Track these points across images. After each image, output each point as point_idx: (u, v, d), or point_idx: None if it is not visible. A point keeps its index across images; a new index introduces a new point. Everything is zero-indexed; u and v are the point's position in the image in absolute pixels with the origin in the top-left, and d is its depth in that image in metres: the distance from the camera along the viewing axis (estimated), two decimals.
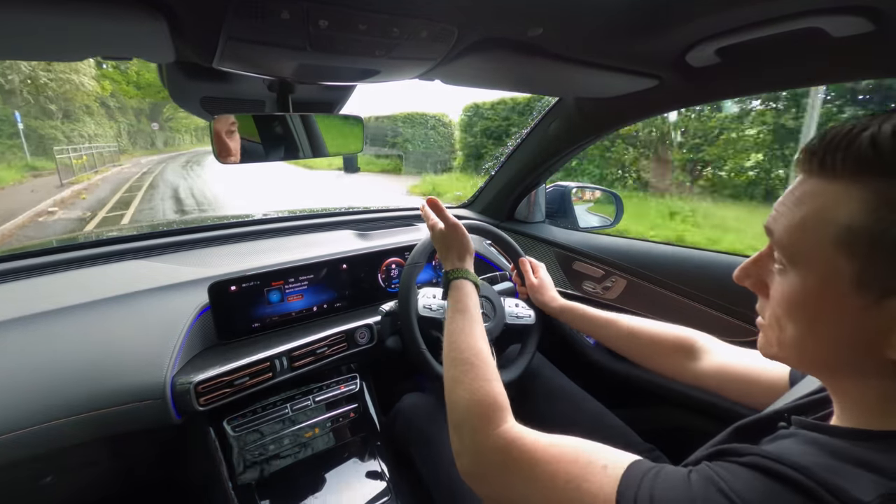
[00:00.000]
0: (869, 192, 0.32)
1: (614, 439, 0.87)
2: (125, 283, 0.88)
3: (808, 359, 0.38)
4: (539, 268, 1.01)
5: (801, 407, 0.44)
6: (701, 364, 0.69)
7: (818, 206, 0.35)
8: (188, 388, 0.75)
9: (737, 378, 0.63)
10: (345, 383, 1.02)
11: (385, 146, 13.28)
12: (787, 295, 0.37)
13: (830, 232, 0.33)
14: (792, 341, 0.38)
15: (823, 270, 0.34)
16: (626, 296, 1.16)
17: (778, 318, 0.39)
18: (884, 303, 0.32)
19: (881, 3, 0.54)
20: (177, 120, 38.19)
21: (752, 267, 0.43)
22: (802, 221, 0.35)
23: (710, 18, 0.63)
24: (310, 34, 0.52)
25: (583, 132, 1.16)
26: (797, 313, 0.37)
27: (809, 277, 0.35)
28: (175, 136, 39.29)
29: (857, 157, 0.32)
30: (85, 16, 0.45)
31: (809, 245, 0.35)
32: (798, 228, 0.36)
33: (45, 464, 0.75)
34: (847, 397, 0.38)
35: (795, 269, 0.36)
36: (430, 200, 0.85)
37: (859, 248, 0.32)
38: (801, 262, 0.36)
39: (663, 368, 0.75)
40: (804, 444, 0.36)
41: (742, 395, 0.62)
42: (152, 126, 34.54)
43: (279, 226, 1.23)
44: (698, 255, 1.07)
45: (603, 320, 0.85)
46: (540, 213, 1.47)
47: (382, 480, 0.95)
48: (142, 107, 32.67)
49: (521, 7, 0.58)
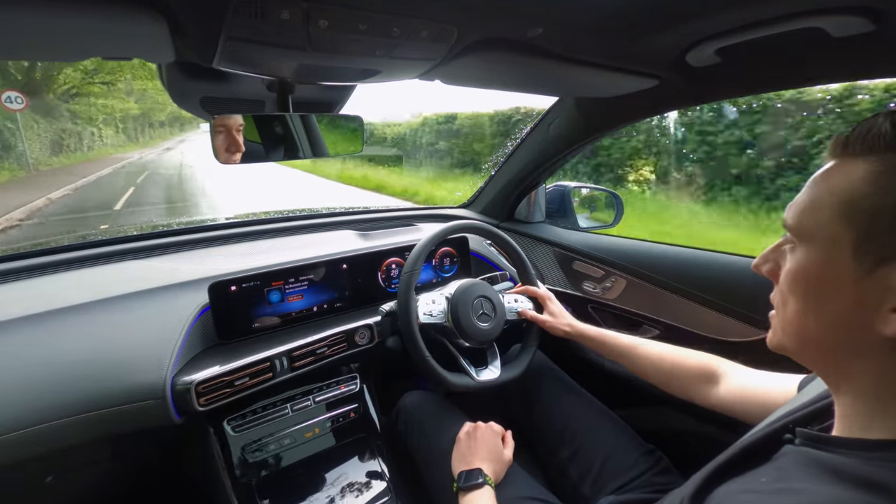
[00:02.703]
0: (877, 164, 0.34)
1: (616, 440, 0.87)
2: (125, 283, 0.88)
3: (807, 338, 0.39)
4: (550, 300, 1.01)
5: (807, 417, 0.44)
6: (721, 389, 0.71)
7: (830, 182, 0.37)
8: (188, 389, 0.75)
9: (756, 402, 0.64)
10: (345, 383, 1.02)
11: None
12: (793, 269, 0.39)
13: (836, 204, 0.35)
14: (793, 318, 0.39)
15: (827, 242, 0.36)
16: (625, 296, 1.16)
17: (784, 296, 0.40)
18: (878, 271, 0.33)
19: (881, 3, 0.54)
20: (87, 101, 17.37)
21: (770, 254, 0.43)
22: (813, 198, 0.38)
23: (710, 18, 0.63)
24: (310, 34, 0.52)
25: (583, 132, 1.16)
26: (800, 287, 0.38)
27: (814, 250, 0.37)
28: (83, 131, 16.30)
29: (876, 136, 0.34)
30: (85, 16, 0.45)
31: (817, 219, 0.37)
32: (809, 206, 0.38)
33: (45, 464, 0.75)
34: (844, 388, 0.38)
35: (803, 245, 0.38)
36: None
37: (860, 216, 0.34)
38: (808, 236, 0.37)
39: (685, 393, 0.76)
40: (804, 468, 0.36)
41: (758, 419, 0.63)
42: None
43: (279, 226, 1.23)
44: (698, 255, 1.07)
45: (624, 347, 0.86)
46: (540, 213, 1.47)
47: (382, 480, 0.95)
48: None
49: (520, 7, 0.58)
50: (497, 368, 0.96)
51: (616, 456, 0.83)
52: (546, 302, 1.01)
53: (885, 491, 0.31)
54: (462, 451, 0.81)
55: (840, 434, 0.38)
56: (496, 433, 0.85)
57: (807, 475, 0.35)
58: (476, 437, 0.82)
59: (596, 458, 0.84)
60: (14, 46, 0.54)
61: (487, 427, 0.85)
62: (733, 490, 0.40)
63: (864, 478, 0.32)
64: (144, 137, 26.79)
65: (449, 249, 1.25)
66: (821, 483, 0.34)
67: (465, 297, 0.95)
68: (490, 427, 0.86)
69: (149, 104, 24.19)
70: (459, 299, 0.95)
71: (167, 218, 7.36)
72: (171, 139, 29.90)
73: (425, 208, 1.58)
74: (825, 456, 0.36)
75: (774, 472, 0.39)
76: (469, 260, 1.28)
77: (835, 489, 0.33)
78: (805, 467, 0.36)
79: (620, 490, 0.79)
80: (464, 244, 1.27)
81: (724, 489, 0.41)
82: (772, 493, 0.36)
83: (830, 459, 0.35)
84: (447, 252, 1.24)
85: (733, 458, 0.44)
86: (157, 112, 27.34)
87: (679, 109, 1.08)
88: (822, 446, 0.37)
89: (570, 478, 0.86)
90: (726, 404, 0.69)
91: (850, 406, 0.38)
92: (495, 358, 0.99)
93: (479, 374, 0.94)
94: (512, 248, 1.06)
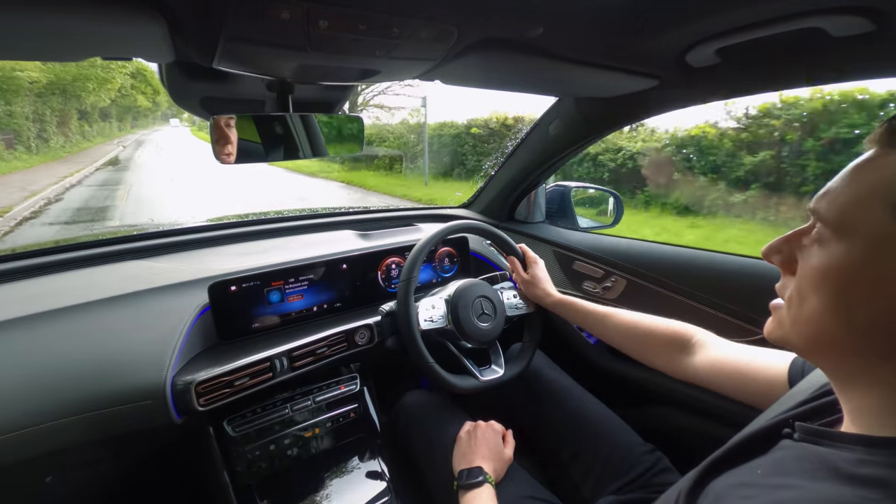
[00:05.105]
0: None
1: (616, 440, 0.87)
2: (125, 283, 0.88)
3: (822, 338, 0.37)
4: (535, 263, 1.01)
5: (807, 413, 0.43)
6: (695, 359, 0.69)
7: (880, 175, 0.34)
8: (188, 389, 0.75)
9: (733, 374, 0.63)
10: (345, 383, 1.02)
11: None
12: (825, 266, 0.36)
13: (888, 199, 0.33)
14: (811, 317, 0.37)
15: (873, 239, 0.33)
16: (626, 296, 1.16)
17: (802, 293, 0.38)
18: None
19: (882, 3, 0.54)
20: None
21: (783, 244, 0.41)
22: (859, 192, 0.35)
23: (710, 18, 0.63)
24: (310, 34, 0.52)
25: (582, 132, 1.16)
26: (829, 286, 0.36)
27: (856, 247, 0.34)
28: None
29: None
30: (85, 16, 0.45)
31: (863, 214, 0.34)
32: (854, 199, 0.35)
33: (45, 464, 0.75)
34: (855, 387, 0.37)
35: (841, 240, 0.35)
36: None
37: None
38: (849, 231, 0.35)
39: (657, 363, 0.75)
40: (802, 463, 0.35)
41: (738, 391, 0.62)
42: None
43: (279, 226, 1.23)
44: (699, 254, 1.07)
45: (599, 314, 0.85)
46: (540, 213, 1.47)
47: (382, 480, 0.95)
48: None
49: (520, 7, 0.58)
50: (500, 367, 0.96)
51: (617, 456, 0.83)
52: (531, 265, 1.01)
53: (884, 487, 0.30)
54: (463, 450, 0.81)
55: (848, 430, 0.37)
56: (497, 432, 0.85)
57: (805, 470, 0.35)
58: (477, 435, 0.82)
59: (596, 458, 0.84)
60: (14, 46, 0.54)
61: (488, 426, 0.85)
62: (730, 483, 0.39)
63: (862, 474, 0.31)
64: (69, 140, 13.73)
65: (449, 249, 1.25)
66: (818, 478, 0.33)
67: (465, 299, 0.95)
68: (491, 426, 0.86)
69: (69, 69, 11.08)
70: (459, 301, 0.95)
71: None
72: (121, 137, 18.87)
73: (425, 208, 1.58)
74: (824, 451, 0.35)
75: (772, 465, 0.38)
76: (469, 260, 1.28)
77: (832, 485, 0.32)
78: (804, 462, 0.35)
79: (621, 490, 0.79)
80: (464, 244, 1.27)
81: (720, 481, 0.40)
82: (769, 487, 0.36)
83: (829, 455, 0.34)
84: (447, 252, 1.25)
85: (730, 452, 0.44)
86: (89, 85, 13.16)
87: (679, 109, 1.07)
88: (822, 441, 0.36)
89: (570, 477, 0.86)
90: (703, 375, 0.67)
91: (864, 402, 0.36)
92: (498, 357, 0.99)
93: (483, 374, 0.94)
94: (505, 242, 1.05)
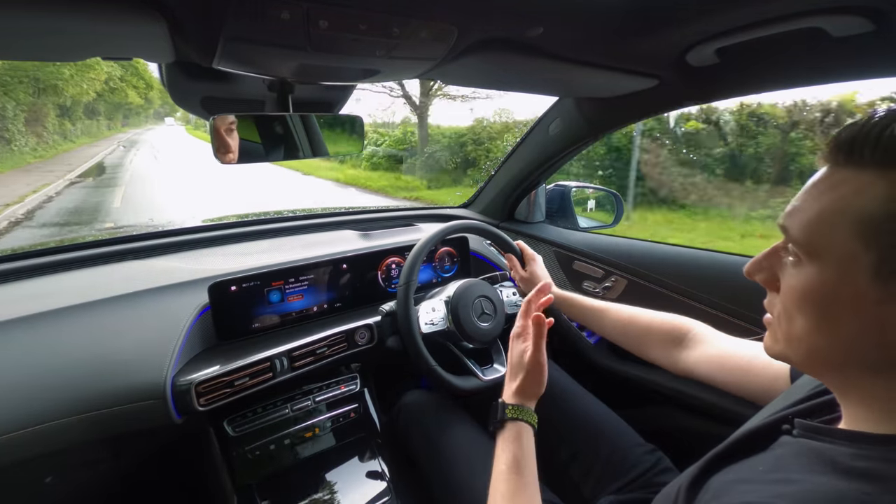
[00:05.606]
0: (893, 182, 0.32)
1: (617, 440, 0.87)
2: (125, 283, 0.88)
3: (815, 355, 0.37)
4: (533, 260, 1.01)
5: (806, 410, 0.44)
6: (694, 354, 0.68)
7: (840, 195, 0.34)
8: (188, 389, 0.75)
9: (735, 370, 0.62)
10: (345, 383, 1.02)
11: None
12: (801, 287, 0.36)
13: (851, 222, 0.33)
14: (801, 335, 0.37)
15: (842, 262, 0.33)
16: (626, 296, 1.16)
17: (788, 312, 0.38)
18: None
19: (882, 3, 0.54)
20: None
21: (764, 261, 0.41)
22: (821, 213, 0.35)
23: (710, 18, 0.63)
24: (310, 34, 0.52)
25: (582, 132, 1.16)
26: (810, 307, 0.36)
27: (826, 269, 0.34)
28: None
29: (886, 149, 0.32)
30: (85, 16, 0.45)
31: (828, 236, 0.34)
32: (817, 220, 0.35)
33: (45, 464, 0.75)
34: (853, 396, 0.37)
35: (812, 262, 0.36)
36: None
37: (880, 238, 0.32)
38: (818, 253, 0.35)
39: (655, 357, 0.74)
40: (802, 459, 0.36)
41: (740, 387, 0.62)
42: None
43: (279, 226, 1.23)
44: (699, 254, 1.07)
45: (597, 309, 0.84)
46: (540, 213, 1.47)
47: (382, 480, 0.95)
48: None
49: (520, 7, 0.58)
50: (502, 366, 0.96)
51: (617, 455, 0.83)
52: (529, 262, 1.02)
53: (880, 481, 0.30)
54: (521, 381, 0.70)
55: (846, 427, 0.37)
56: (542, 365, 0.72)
57: (804, 465, 0.35)
58: (541, 369, 0.71)
59: (597, 458, 0.84)
60: (14, 46, 0.54)
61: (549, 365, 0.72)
62: (730, 479, 0.39)
63: (861, 469, 0.31)
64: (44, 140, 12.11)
65: (449, 249, 1.25)
66: (818, 473, 0.33)
67: (465, 299, 0.95)
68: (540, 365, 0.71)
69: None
70: (459, 302, 0.95)
71: None
72: (110, 137, 16.51)
73: (425, 208, 1.58)
74: (824, 447, 0.35)
75: (772, 461, 0.38)
76: (469, 260, 1.28)
77: (831, 479, 0.32)
78: (803, 458, 0.36)
79: (622, 490, 0.79)
80: (464, 244, 1.27)
81: (720, 477, 0.40)
82: (768, 482, 0.36)
83: (829, 450, 0.35)
84: (447, 252, 1.24)
85: (731, 448, 0.44)
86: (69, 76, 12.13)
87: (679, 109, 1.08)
88: (822, 437, 0.37)
89: (570, 477, 0.86)
90: (704, 370, 0.66)
91: (862, 408, 0.36)
92: (500, 355, 0.99)
93: (486, 374, 0.94)
94: (506, 243, 1.05)
